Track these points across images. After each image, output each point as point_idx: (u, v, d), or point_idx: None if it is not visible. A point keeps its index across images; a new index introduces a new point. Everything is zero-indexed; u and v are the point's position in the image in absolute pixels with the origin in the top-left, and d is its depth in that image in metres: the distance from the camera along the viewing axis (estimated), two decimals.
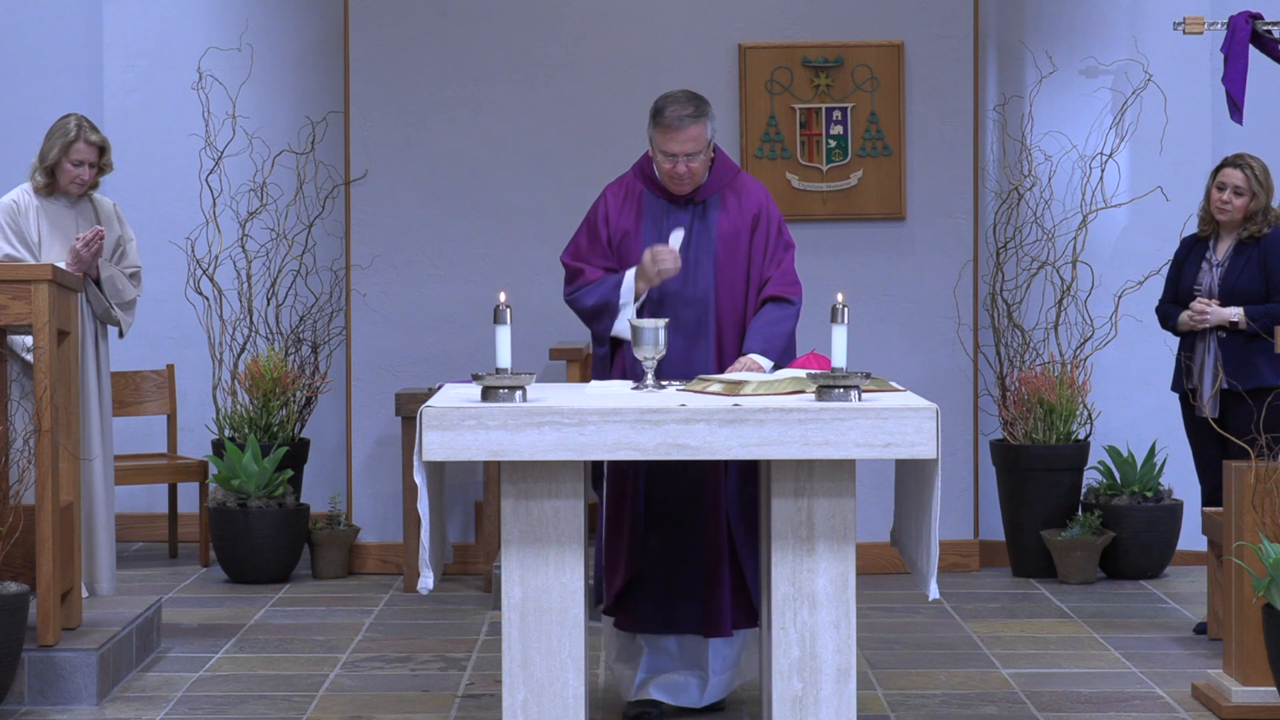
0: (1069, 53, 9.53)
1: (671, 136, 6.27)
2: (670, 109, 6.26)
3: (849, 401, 5.37)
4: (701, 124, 6.27)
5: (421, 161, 9.39)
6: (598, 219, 6.44)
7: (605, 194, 6.50)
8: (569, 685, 5.44)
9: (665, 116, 6.26)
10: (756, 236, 6.42)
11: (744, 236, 6.42)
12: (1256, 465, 6.48)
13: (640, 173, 6.49)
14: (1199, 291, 7.92)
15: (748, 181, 6.52)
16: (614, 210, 6.43)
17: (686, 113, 6.25)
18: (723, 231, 6.40)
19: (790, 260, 6.46)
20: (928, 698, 6.82)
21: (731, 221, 6.41)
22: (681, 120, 6.25)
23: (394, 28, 9.37)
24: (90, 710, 6.62)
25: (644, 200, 6.43)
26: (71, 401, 6.95)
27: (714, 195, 6.43)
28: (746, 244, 6.42)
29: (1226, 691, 6.49)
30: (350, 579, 9.27)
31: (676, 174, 6.32)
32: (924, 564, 5.52)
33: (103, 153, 7.74)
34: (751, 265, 6.42)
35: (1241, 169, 7.84)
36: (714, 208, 6.42)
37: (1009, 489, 9.25)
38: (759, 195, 6.48)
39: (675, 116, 6.25)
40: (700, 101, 6.29)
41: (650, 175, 6.45)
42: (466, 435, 5.29)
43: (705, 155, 6.33)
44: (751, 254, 6.42)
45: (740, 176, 6.51)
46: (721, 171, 6.45)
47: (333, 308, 9.83)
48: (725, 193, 6.44)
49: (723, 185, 6.45)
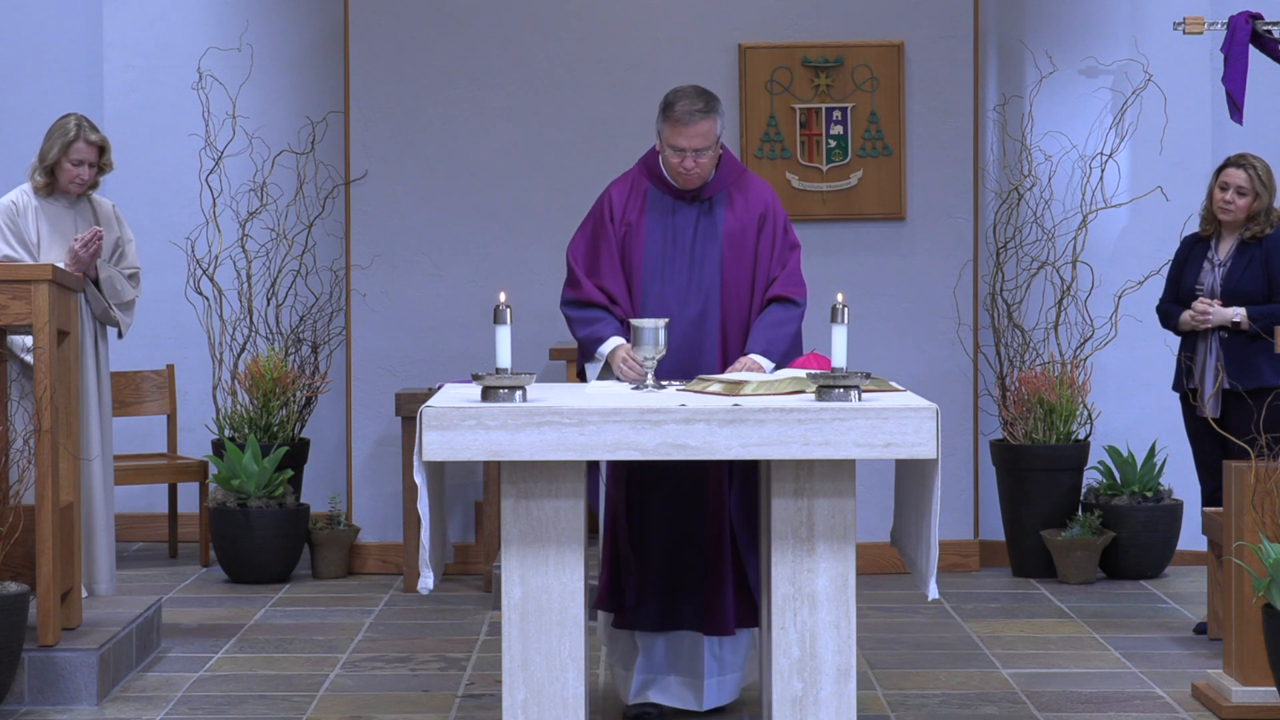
0: (1069, 53, 9.54)
1: (681, 131, 6.26)
2: (681, 103, 6.26)
3: (849, 401, 5.37)
4: (711, 120, 6.27)
5: (421, 161, 9.39)
6: (604, 215, 6.43)
7: (610, 190, 6.49)
8: (569, 685, 5.44)
9: (675, 111, 6.26)
10: (763, 236, 6.42)
11: (750, 235, 6.41)
12: (1256, 465, 6.47)
13: (646, 168, 6.48)
14: (1201, 291, 7.92)
15: (754, 181, 6.51)
16: (618, 205, 6.42)
17: (697, 108, 6.24)
18: (729, 230, 6.39)
19: (797, 261, 6.46)
20: (928, 698, 6.82)
21: (738, 219, 6.41)
22: (692, 115, 6.24)
23: (394, 28, 9.37)
24: (90, 710, 6.62)
25: (649, 195, 6.43)
26: (71, 401, 6.95)
27: (720, 193, 6.42)
28: (753, 243, 6.41)
29: (1226, 691, 6.49)
30: (350, 579, 9.27)
31: (684, 169, 6.31)
32: (924, 564, 5.52)
33: (102, 152, 7.74)
34: (758, 264, 6.42)
35: (1244, 169, 7.84)
36: (720, 205, 6.42)
37: (1009, 489, 9.25)
38: (766, 195, 6.48)
39: (685, 111, 6.24)
40: (710, 97, 6.29)
41: (656, 171, 6.44)
42: (466, 435, 5.29)
43: (714, 151, 6.33)
44: (758, 253, 6.42)
45: (746, 175, 6.50)
46: (728, 169, 6.44)
47: (333, 308, 9.83)
48: (732, 191, 6.44)
49: (729, 183, 6.44)
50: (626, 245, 6.40)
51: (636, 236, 6.39)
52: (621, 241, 6.40)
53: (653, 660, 6.47)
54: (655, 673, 6.48)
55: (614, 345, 6.27)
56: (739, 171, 6.48)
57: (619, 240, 6.40)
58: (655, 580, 6.38)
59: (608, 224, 6.42)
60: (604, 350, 6.29)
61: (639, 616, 6.40)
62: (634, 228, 6.40)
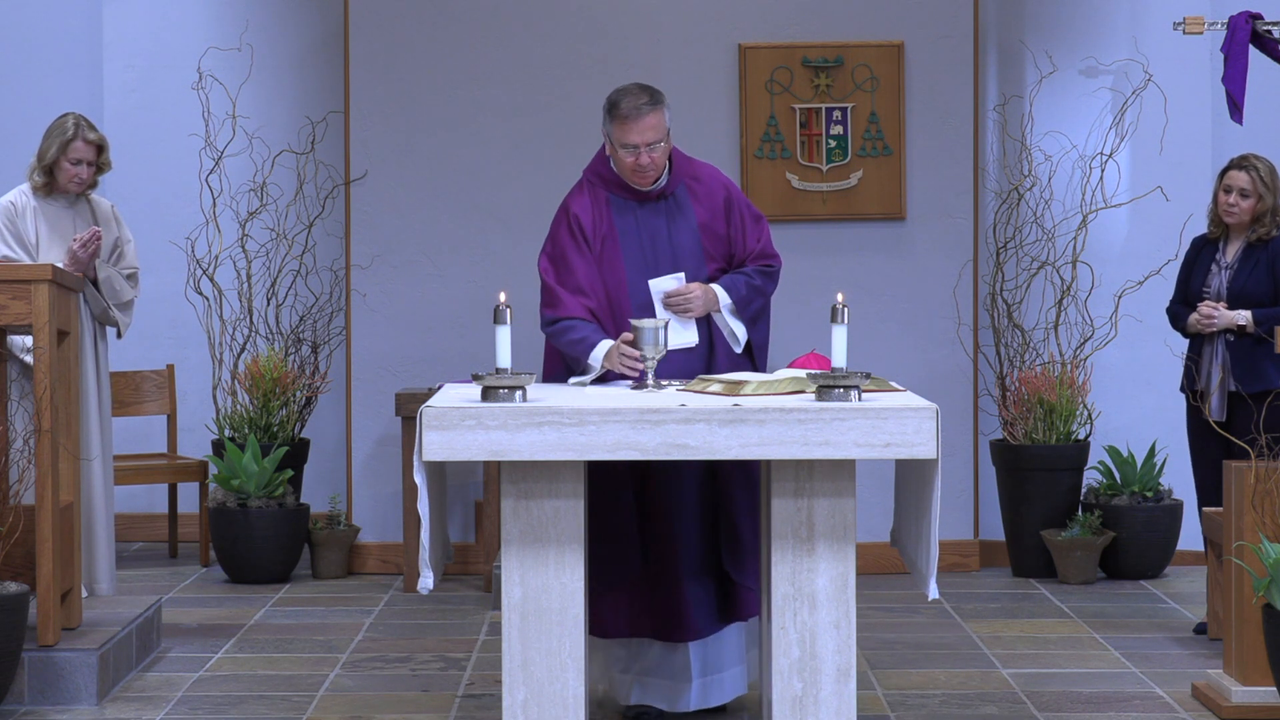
0: (1069, 53, 9.53)
1: (630, 127, 6.20)
2: (626, 100, 6.20)
3: (849, 401, 5.37)
4: (659, 112, 6.22)
5: (421, 161, 9.39)
6: (575, 234, 6.31)
7: (569, 206, 6.37)
8: (569, 685, 5.44)
9: (621, 109, 6.20)
10: (732, 217, 6.42)
11: (720, 221, 6.41)
12: (1256, 465, 6.47)
13: (598, 177, 6.39)
14: (1208, 294, 7.90)
15: (702, 166, 6.49)
16: (587, 221, 6.31)
17: (643, 101, 6.19)
18: (701, 220, 6.38)
19: (766, 232, 6.46)
20: (928, 698, 6.82)
21: (705, 209, 6.39)
22: (639, 109, 6.19)
23: (394, 28, 9.37)
24: (90, 710, 6.62)
25: (613, 203, 6.36)
26: (71, 401, 6.95)
27: (680, 185, 6.40)
28: (724, 227, 6.41)
29: (1226, 691, 6.49)
30: (350, 579, 9.27)
31: (640, 166, 6.25)
32: (924, 564, 5.52)
33: (101, 151, 7.74)
34: (733, 246, 6.41)
35: (1247, 170, 7.82)
36: (684, 198, 6.39)
37: (1009, 489, 9.24)
38: (720, 177, 6.47)
39: (632, 107, 6.19)
40: (654, 90, 6.24)
41: (608, 177, 6.37)
42: (466, 435, 5.29)
43: (665, 145, 6.27)
44: (731, 236, 6.41)
45: (694, 163, 6.48)
46: (680, 162, 6.42)
47: (333, 308, 9.83)
48: (689, 182, 6.42)
49: (685, 175, 6.42)
50: (606, 257, 6.30)
51: (614, 245, 6.32)
52: (599, 256, 6.32)
53: (642, 661, 6.42)
54: (646, 673, 6.43)
55: (606, 347, 6.16)
56: (687, 160, 6.46)
57: (597, 256, 6.33)
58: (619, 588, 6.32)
59: (580, 243, 6.30)
60: (597, 355, 6.16)
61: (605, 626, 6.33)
62: (609, 238, 6.32)
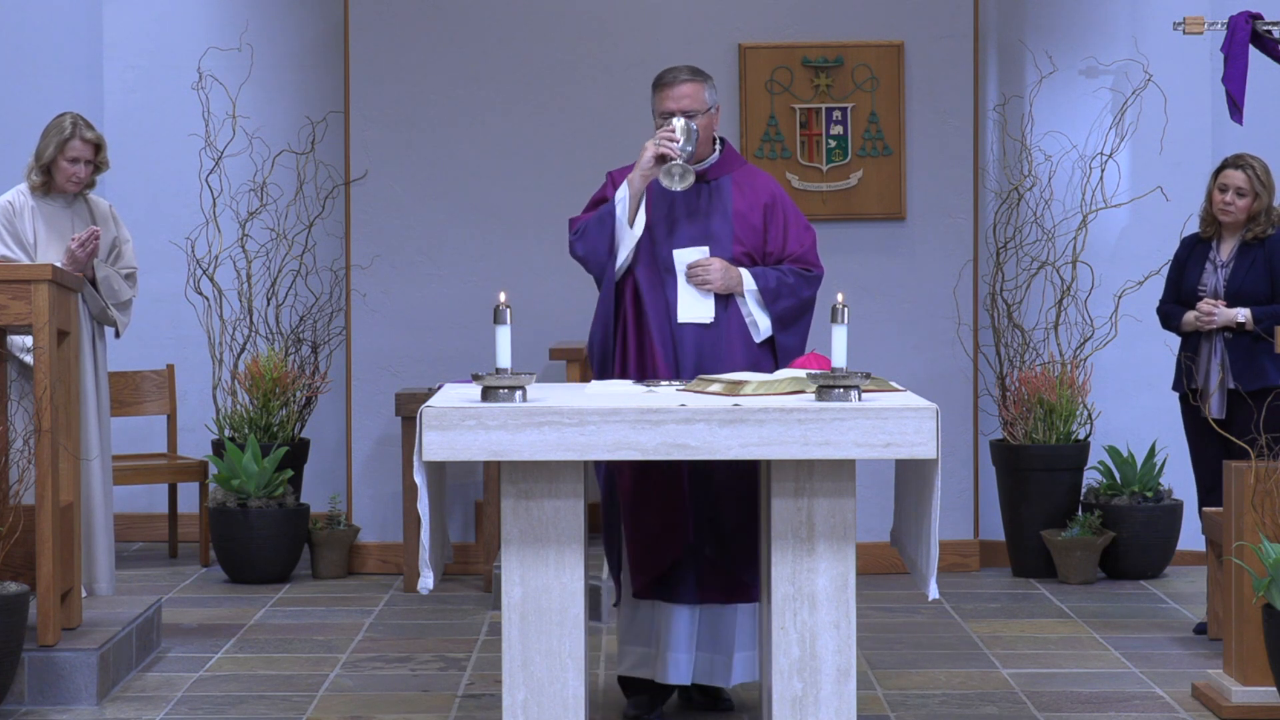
0: (1069, 53, 9.53)
1: (667, 93, 6.38)
2: (668, 73, 6.45)
3: (849, 401, 5.37)
4: (698, 84, 6.38)
5: (421, 161, 9.39)
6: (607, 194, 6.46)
7: (611, 175, 6.54)
8: (569, 685, 5.44)
9: (663, 78, 6.43)
10: (774, 216, 6.48)
11: (757, 217, 6.46)
12: (1256, 465, 6.47)
13: None
14: (1204, 293, 7.90)
15: (759, 173, 6.61)
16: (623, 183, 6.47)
17: (682, 73, 6.41)
18: (737, 209, 6.46)
19: (812, 241, 6.54)
20: (928, 698, 6.82)
21: (745, 200, 6.47)
22: (676, 75, 6.40)
23: (394, 28, 9.37)
24: (90, 710, 6.62)
25: (654, 185, 6.43)
26: (71, 401, 6.95)
27: (725, 176, 6.47)
28: (760, 221, 6.46)
29: (1226, 691, 6.49)
30: (350, 579, 9.27)
31: None
32: (924, 564, 5.52)
33: (99, 150, 7.73)
34: (770, 243, 6.46)
35: (1243, 169, 7.83)
36: (727, 186, 6.48)
37: (1009, 489, 9.24)
38: (772, 186, 6.57)
39: (671, 75, 6.42)
40: (699, 70, 6.45)
41: None
42: (466, 435, 5.29)
43: (706, 120, 6.37)
44: (768, 233, 6.47)
45: (749, 167, 6.60)
46: (731, 156, 6.55)
47: (333, 308, 9.83)
48: (737, 176, 6.52)
49: (733, 168, 6.52)
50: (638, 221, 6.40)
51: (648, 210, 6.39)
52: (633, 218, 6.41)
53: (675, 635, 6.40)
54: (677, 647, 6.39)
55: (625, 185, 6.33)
56: (741, 163, 6.58)
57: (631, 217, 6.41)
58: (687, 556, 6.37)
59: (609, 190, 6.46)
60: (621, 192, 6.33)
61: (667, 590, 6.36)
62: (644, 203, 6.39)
